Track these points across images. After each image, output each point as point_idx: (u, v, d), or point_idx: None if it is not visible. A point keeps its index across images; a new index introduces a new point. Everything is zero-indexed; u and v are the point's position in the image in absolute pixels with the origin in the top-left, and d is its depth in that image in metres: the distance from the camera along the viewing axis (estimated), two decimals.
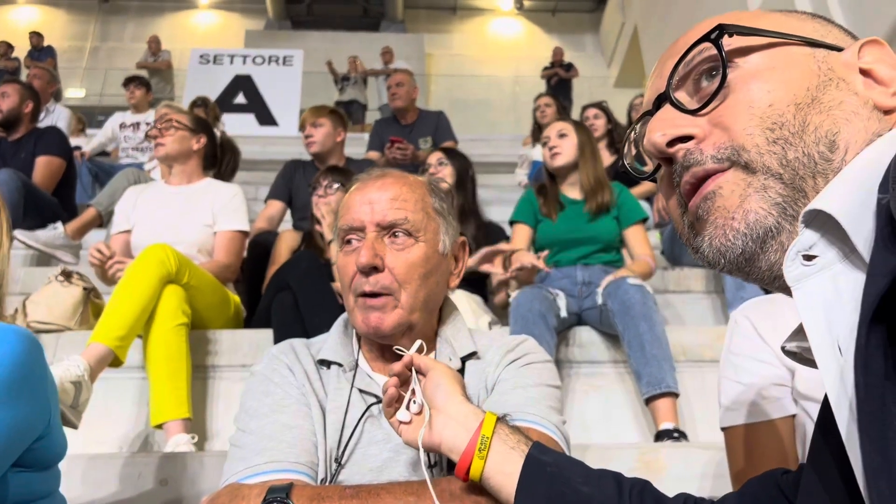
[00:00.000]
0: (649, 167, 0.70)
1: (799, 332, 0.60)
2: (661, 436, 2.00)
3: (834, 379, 0.48)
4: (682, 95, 0.64)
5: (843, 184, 0.53)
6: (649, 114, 0.67)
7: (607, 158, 3.98)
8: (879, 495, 0.43)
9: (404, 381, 0.92)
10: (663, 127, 0.63)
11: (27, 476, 1.02)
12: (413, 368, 0.92)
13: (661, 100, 0.65)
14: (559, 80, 9.82)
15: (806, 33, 0.63)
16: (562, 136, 2.73)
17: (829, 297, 0.50)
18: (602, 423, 2.27)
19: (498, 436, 0.82)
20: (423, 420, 0.88)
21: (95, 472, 1.65)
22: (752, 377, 1.17)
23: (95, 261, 2.35)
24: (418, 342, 0.96)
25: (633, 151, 0.71)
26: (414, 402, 0.90)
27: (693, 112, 0.62)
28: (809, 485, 0.59)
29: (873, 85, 0.60)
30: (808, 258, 0.52)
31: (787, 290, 0.54)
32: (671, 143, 0.62)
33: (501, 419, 0.85)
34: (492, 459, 0.80)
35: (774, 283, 0.58)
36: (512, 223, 2.82)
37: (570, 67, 10.03)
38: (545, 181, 2.82)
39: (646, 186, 3.79)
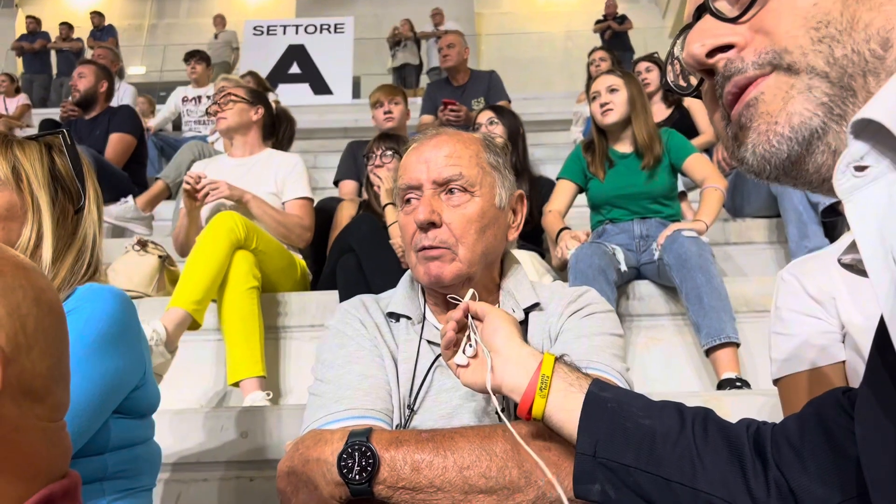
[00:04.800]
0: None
1: (854, 245, 0.56)
2: (723, 385, 2.01)
3: (889, 289, 0.47)
4: (722, 4, 0.60)
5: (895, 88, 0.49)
6: (689, 26, 0.63)
7: (663, 111, 3.88)
8: None
9: (462, 328, 0.94)
10: (702, 37, 0.59)
11: (126, 423, 1.12)
12: (469, 315, 0.94)
13: (701, 10, 0.61)
14: (613, 34, 9.58)
15: None
16: (612, 90, 2.64)
17: (882, 207, 0.48)
18: (664, 375, 2.29)
19: (557, 374, 0.82)
20: (479, 363, 0.90)
21: (182, 425, 1.77)
22: (800, 328, 1.18)
23: (188, 187, 2.49)
24: (471, 291, 0.98)
25: (678, 69, 0.67)
26: (470, 345, 0.92)
27: (734, 20, 0.58)
28: (866, 399, 0.58)
29: None
30: (860, 168, 0.49)
31: (834, 193, 0.51)
32: (711, 53, 0.59)
33: (560, 359, 0.86)
34: (553, 397, 0.80)
35: (823, 186, 0.55)
36: (558, 179, 2.80)
37: (623, 20, 9.77)
38: (594, 137, 2.75)
39: (704, 138, 3.71)
